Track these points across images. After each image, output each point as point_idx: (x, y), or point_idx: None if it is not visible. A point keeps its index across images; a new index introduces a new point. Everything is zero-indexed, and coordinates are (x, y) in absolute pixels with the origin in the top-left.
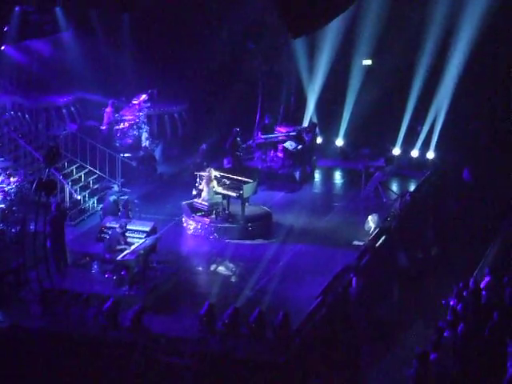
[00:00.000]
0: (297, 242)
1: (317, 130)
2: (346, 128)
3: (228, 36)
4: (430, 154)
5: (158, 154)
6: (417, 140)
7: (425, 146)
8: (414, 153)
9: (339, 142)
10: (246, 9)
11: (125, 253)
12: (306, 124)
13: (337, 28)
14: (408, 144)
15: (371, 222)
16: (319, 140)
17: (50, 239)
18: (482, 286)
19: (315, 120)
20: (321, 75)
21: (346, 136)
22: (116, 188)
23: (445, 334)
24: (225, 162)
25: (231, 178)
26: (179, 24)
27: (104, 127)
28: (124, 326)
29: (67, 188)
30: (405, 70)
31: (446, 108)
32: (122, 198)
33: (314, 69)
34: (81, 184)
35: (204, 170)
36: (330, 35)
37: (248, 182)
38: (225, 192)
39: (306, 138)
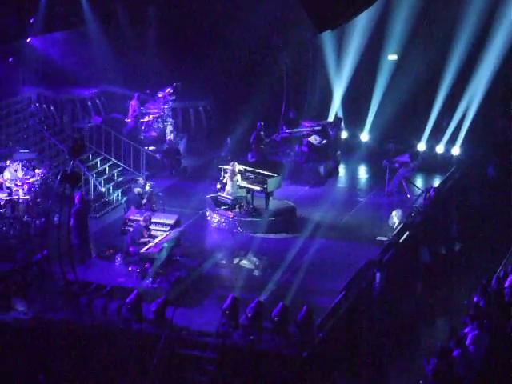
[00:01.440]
0: (320, 236)
1: (342, 124)
2: (372, 123)
3: (253, 30)
4: (456, 150)
5: (182, 147)
6: (442, 136)
7: (450, 142)
8: (439, 149)
9: (364, 136)
10: (272, 3)
11: (148, 245)
12: (331, 119)
13: (365, 22)
14: (434, 140)
15: (395, 217)
16: (344, 135)
17: (74, 231)
18: (506, 284)
19: (340, 115)
20: (347, 70)
21: (372, 131)
22: (141, 181)
23: (467, 330)
24: (249, 155)
25: (255, 171)
26: (205, 18)
27: (129, 120)
28: (147, 318)
29: (92, 180)
30: (434, 66)
31: (476, 105)
32: (147, 190)
33: (341, 63)
34: (105, 176)
35: (228, 164)
36: (358, 29)
37: (272, 176)
38: (249, 186)
39: (331, 133)
